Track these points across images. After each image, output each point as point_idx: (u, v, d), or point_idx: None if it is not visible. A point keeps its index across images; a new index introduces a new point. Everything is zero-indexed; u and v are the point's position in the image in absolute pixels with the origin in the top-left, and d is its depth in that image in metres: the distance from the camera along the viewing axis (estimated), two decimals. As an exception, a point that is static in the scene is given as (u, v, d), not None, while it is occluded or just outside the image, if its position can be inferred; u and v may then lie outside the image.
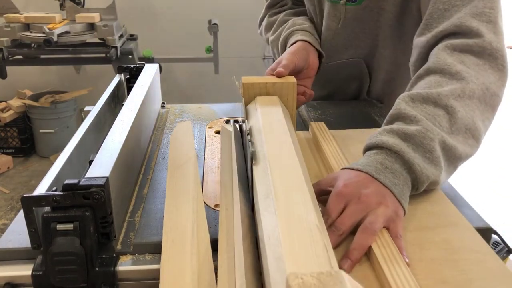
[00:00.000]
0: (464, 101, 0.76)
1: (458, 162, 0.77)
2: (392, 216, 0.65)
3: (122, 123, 0.88)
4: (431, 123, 0.73)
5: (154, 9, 3.22)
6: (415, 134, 0.71)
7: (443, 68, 0.80)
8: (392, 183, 0.68)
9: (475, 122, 0.77)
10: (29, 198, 0.61)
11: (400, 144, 0.70)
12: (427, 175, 0.70)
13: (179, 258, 0.62)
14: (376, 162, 0.70)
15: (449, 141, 0.73)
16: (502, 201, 2.78)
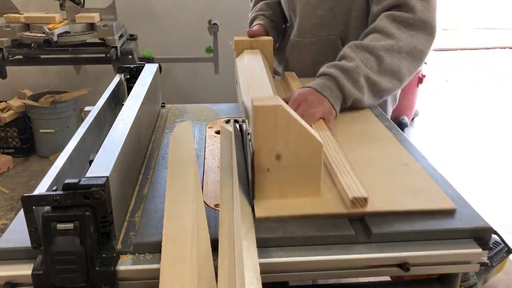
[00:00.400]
0: (392, 54, 1.10)
1: (383, 93, 1.13)
2: (327, 112, 1.03)
3: (122, 123, 0.88)
4: (362, 64, 1.09)
5: (154, 9, 3.21)
6: (349, 69, 1.08)
7: (382, 30, 1.13)
8: (328, 95, 1.06)
9: (400, 68, 1.11)
10: (29, 197, 0.62)
11: (338, 74, 1.08)
12: (351, 95, 1.08)
13: (179, 258, 0.62)
14: (320, 83, 1.08)
15: (373, 77, 1.09)
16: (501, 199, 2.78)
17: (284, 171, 0.75)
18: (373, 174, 0.85)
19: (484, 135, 3.70)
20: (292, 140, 0.74)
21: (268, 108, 0.72)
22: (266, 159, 0.75)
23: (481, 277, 1.62)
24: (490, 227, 0.74)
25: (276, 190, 0.77)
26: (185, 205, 0.72)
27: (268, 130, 0.73)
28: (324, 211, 0.75)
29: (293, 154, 0.74)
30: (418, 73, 3.59)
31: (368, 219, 0.74)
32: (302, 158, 0.75)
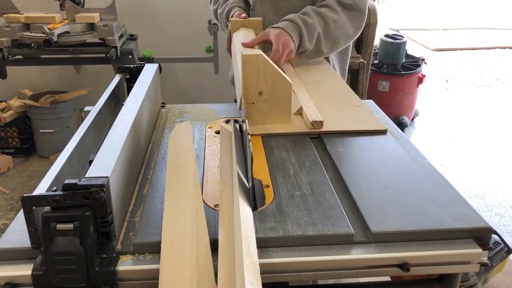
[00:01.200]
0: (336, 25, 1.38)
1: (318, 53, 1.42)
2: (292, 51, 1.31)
3: (122, 123, 0.88)
4: (317, 24, 1.35)
5: (154, 9, 3.21)
6: (309, 24, 1.34)
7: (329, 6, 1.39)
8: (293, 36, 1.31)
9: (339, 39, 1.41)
10: (29, 198, 0.61)
11: (301, 25, 1.33)
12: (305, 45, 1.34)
13: (178, 259, 0.62)
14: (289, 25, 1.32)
15: (321, 38, 1.37)
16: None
17: (265, 103, 1.08)
18: (330, 109, 1.16)
19: (484, 135, 3.70)
20: (270, 80, 1.05)
21: (252, 56, 1.03)
22: (251, 95, 1.06)
23: (481, 277, 1.62)
24: (490, 227, 0.74)
25: (259, 117, 1.09)
26: (184, 206, 0.72)
27: (252, 73, 1.04)
28: (292, 130, 1.08)
29: (271, 90, 1.06)
30: (418, 73, 3.59)
31: (368, 219, 0.74)
32: (277, 93, 1.07)
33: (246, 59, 1.02)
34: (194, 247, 0.63)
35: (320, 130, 1.06)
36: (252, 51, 1.03)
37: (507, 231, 2.47)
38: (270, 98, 1.07)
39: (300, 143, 1.03)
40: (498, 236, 0.77)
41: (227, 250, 0.63)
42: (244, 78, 1.04)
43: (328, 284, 0.89)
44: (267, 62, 1.03)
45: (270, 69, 1.03)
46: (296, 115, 1.14)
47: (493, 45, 6.38)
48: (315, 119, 1.06)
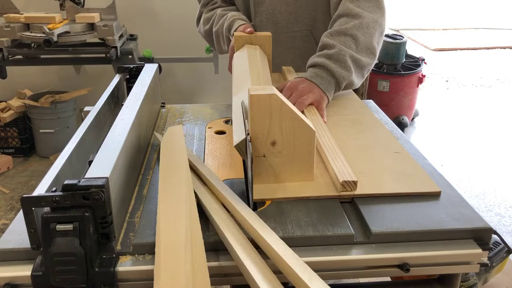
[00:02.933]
0: (363, 30, 1.20)
1: (363, 69, 1.21)
2: (318, 98, 1.11)
3: (122, 123, 0.88)
4: (343, 46, 1.17)
5: (154, 9, 3.21)
6: (334, 54, 1.16)
7: (347, 12, 1.24)
8: (319, 82, 1.13)
9: (372, 43, 1.22)
10: (28, 198, 0.61)
11: (325, 61, 1.16)
12: (343, 77, 1.15)
13: (173, 263, 0.61)
14: (311, 73, 1.16)
15: (355, 56, 1.18)
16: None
17: (279, 156, 0.82)
18: (363, 159, 0.92)
19: (484, 135, 3.70)
20: (286, 127, 0.80)
21: (263, 97, 0.78)
22: (262, 145, 0.81)
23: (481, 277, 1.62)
24: (490, 227, 0.74)
25: (272, 174, 0.83)
26: (177, 210, 0.72)
27: (264, 118, 0.79)
28: (317, 193, 0.81)
29: (287, 140, 0.81)
30: (418, 73, 3.59)
31: (367, 220, 0.74)
32: (296, 144, 0.82)
33: (255, 100, 0.78)
34: (188, 251, 0.63)
35: (353, 193, 0.81)
36: (263, 89, 0.79)
37: (507, 231, 2.47)
38: (287, 150, 0.82)
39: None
40: (498, 236, 0.77)
41: None
42: (252, 124, 0.80)
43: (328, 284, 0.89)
44: (283, 103, 0.79)
45: (287, 113, 0.79)
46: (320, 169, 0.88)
47: (493, 45, 6.37)
48: (347, 179, 0.81)
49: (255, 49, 1.24)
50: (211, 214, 0.74)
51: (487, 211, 2.63)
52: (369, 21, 1.21)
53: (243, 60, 1.17)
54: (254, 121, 0.80)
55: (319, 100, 1.11)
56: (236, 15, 1.42)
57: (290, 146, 0.82)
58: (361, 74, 1.22)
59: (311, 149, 0.82)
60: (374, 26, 1.22)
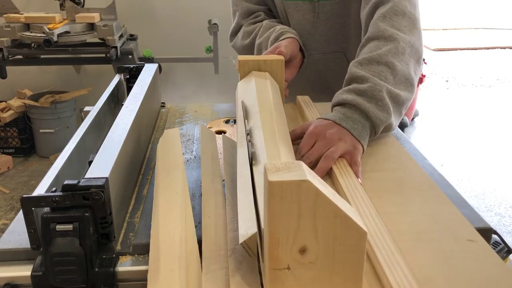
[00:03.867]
0: (399, 57, 0.96)
1: (402, 107, 0.96)
2: (351, 149, 0.86)
3: (122, 123, 0.88)
4: (377, 78, 0.92)
5: (154, 9, 3.21)
6: (367, 89, 0.91)
7: (378, 35, 1.00)
8: (351, 127, 0.88)
9: (410, 72, 0.97)
10: (28, 198, 0.61)
11: (357, 98, 0.91)
12: (380, 119, 0.90)
13: (167, 269, 0.61)
14: (340, 114, 0.91)
15: (394, 91, 0.93)
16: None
17: (312, 269, 0.54)
18: (425, 254, 0.64)
19: (484, 135, 3.70)
20: (324, 228, 0.52)
21: (288, 185, 0.50)
22: (285, 254, 0.53)
23: (481, 277, 1.61)
24: (490, 227, 0.74)
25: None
26: (173, 215, 0.71)
27: (289, 214, 0.51)
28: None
29: (325, 246, 0.53)
30: (418, 73, 3.59)
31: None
32: (337, 251, 0.54)
33: (277, 189, 0.50)
34: (183, 257, 0.63)
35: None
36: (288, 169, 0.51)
37: (507, 231, 2.47)
38: (323, 260, 0.54)
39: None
40: (498, 236, 0.77)
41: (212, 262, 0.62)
42: (271, 223, 0.52)
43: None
44: (319, 192, 0.50)
45: (326, 206, 0.51)
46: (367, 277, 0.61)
47: (493, 45, 6.38)
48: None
49: (264, 79, 0.99)
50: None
51: (487, 211, 2.63)
52: (405, 45, 0.98)
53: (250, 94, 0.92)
54: (275, 219, 0.52)
55: (352, 151, 0.86)
56: (286, 28, 1.24)
57: (328, 255, 0.54)
58: (399, 113, 0.95)
59: (359, 257, 0.54)
60: (411, 52, 0.99)
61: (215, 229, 0.69)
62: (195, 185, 0.85)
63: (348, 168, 0.83)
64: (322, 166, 0.83)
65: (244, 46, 1.34)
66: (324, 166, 0.83)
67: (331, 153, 0.84)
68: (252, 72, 1.02)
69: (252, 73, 1.02)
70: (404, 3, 1.04)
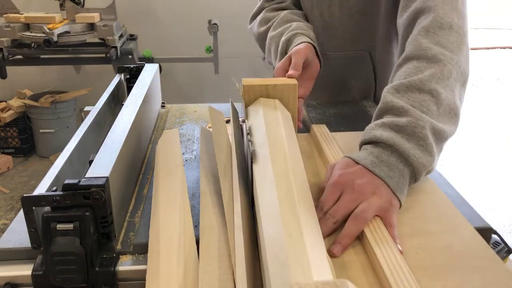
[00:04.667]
0: (444, 82, 0.79)
1: (444, 142, 0.79)
2: (386, 206, 0.68)
3: (122, 123, 0.88)
4: (419, 110, 0.75)
5: (154, 9, 3.21)
6: (407, 125, 0.73)
7: (420, 54, 0.83)
8: (387, 175, 0.70)
9: (455, 100, 0.80)
10: (29, 198, 0.61)
11: (394, 136, 0.73)
12: (423, 164, 0.72)
13: (165, 270, 0.61)
14: (372, 156, 0.72)
15: (438, 126, 0.75)
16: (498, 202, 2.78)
17: None
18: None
19: (484, 135, 3.70)
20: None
21: None
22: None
23: (481, 277, 1.61)
24: (490, 227, 0.74)
25: None
26: (171, 216, 0.71)
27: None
28: None
29: None
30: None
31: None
32: None
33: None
34: (181, 258, 0.63)
35: None
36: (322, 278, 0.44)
37: (507, 231, 2.47)
38: None
39: None
40: (498, 236, 0.77)
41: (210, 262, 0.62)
42: None
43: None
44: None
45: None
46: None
47: (493, 45, 6.38)
48: None
49: (274, 109, 0.84)
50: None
51: (487, 211, 2.63)
52: (452, 67, 0.80)
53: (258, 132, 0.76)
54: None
55: (388, 208, 0.68)
56: (303, 28, 1.11)
57: None
58: (440, 150, 0.79)
59: None
60: (457, 75, 0.82)
61: (213, 229, 0.69)
62: (195, 185, 0.85)
63: (385, 232, 0.64)
64: (352, 229, 0.65)
65: (259, 33, 1.24)
66: (354, 230, 0.65)
67: (362, 213, 0.66)
68: (260, 99, 0.88)
69: (260, 100, 0.87)
70: (451, 14, 0.87)
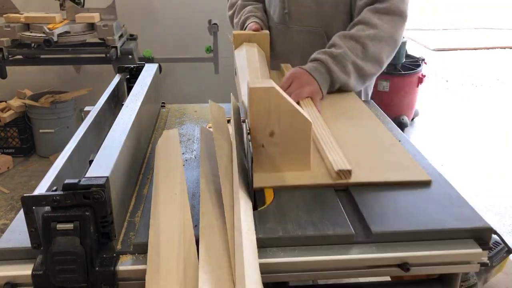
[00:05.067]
0: (375, 42, 1.24)
1: (367, 77, 1.27)
2: (315, 92, 1.17)
3: (122, 123, 0.88)
4: (349, 51, 1.22)
5: (154, 9, 3.21)
6: (337, 55, 1.22)
7: (366, 21, 1.26)
8: (317, 77, 1.19)
9: (381, 55, 1.26)
10: (29, 198, 0.61)
11: (327, 59, 1.22)
12: (339, 78, 1.22)
13: (165, 269, 0.61)
14: (312, 66, 1.22)
15: (359, 63, 1.23)
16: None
17: (277, 146, 0.86)
18: (358, 151, 0.94)
19: (484, 135, 3.70)
20: (284, 119, 0.84)
21: (262, 90, 0.82)
22: (261, 136, 0.85)
23: (481, 277, 1.62)
24: (490, 227, 0.74)
25: (270, 164, 0.87)
26: (171, 216, 0.72)
27: (262, 109, 0.83)
28: (313, 182, 0.85)
29: (285, 131, 0.85)
30: (418, 73, 3.59)
31: (368, 219, 0.74)
32: (293, 135, 0.85)
33: (254, 93, 0.82)
34: (181, 258, 0.63)
35: (347, 182, 0.84)
36: (262, 83, 0.83)
37: (507, 231, 2.47)
38: (284, 140, 0.85)
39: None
40: (498, 236, 0.78)
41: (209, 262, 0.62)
42: (251, 115, 0.84)
43: (328, 284, 0.89)
44: (281, 96, 0.82)
45: (285, 105, 0.83)
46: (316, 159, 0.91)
47: (493, 45, 6.38)
48: (342, 168, 0.84)
49: (253, 47, 1.27)
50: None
51: (487, 211, 2.63)
52: (384, 34, 1.24)
53: (241, 58, 1.22)
54: (253, 113, 0.84)
55: (316, 94, 1.17)
56: (253, 11, 1.46)
57: (287, 137, 0.85)
58: (362, 81, 1.26)
59: (307, 140, 0.86)
60: (388, 41, 1.25)
61: (213, 229, 0.69)
62: (196, 185, 0.85)
63: (312, 104, 1.13)
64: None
65: (229, 16, 1.60)
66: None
67: (300, 92, 1.15)
68: (244, 43, 1.31)
69: (244, 44, 1.31)
70: (401, 5, 1.27)
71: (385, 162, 0.91)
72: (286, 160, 0.87)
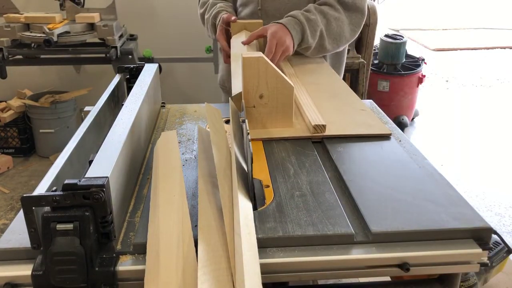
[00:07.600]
0: (337, 23, 1.41)
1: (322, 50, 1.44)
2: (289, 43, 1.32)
3: (122, 123, 0.88)
4: (320, 22, 1.38)
5: (154, 9, 3.21)
6: (312, 20, 1.37)
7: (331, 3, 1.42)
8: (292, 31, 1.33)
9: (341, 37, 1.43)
10: (29, 198, 0.61)
11: (304, 21, 1.36)
12: (308, 40, 1.37)
13: (164, 271, 0.61)
14: (291, 21, 1.35)
15: (324, 35, 1.40)
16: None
17: (266, 107, 1.05)
18: (333, 113, 1.13)
19: (484, 135, 3.70)
20: (271, 83, 1.02)
21: (252, 59, 1.00)
22: (252, 98, 1.04)
23: (481, 277, 1.62)
24: (490, 227, 0.74)
25: (260, 121, 1.07)
26: (170, 217, 0.71)
27: (253, 76, 1.01)
28: (294, 134, 1.05)
29: (272, 94, 1.04)
30: (418, 73, 3.59)
31: (368, 219, 0.74)
32: (278, 97, 1.04)
33: (246, 61, 0.99)
34: (180, 258, 0.63)
35: (322, 134, 1.03)
36: (253, 54, 1.00)
37: (507, 231, 2.47)
38: (271, 102, 1.04)
39: (301, 147, 1.00)
40: (498, 236, 0.77)
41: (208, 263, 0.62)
42: (244, 81, 1.01)
43: (328, 284, 0.89)
44: (268, 64, 0.99)
45: (271, 72, 1.00)
46: (298, 118, 1.10)
47: (493, 45, 6.38)
48: (318, 123, 1.03)
49: (249, 34, 1.43)
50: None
51: (487, 211, 2.63)
52: (344, 20, 1.42)
53: (239, 42, 1.39)
54: (246, 78, 1.01)
55: (289, 44, 1.33)
56: (223, 7, 1.57)
57: (274, 99, 1.04)
58: (317, 51, 1.44)
59: (290, 101, 1.05)
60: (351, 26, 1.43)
61: (211, 230, 0.69)
62: (195, 185, 0.85)
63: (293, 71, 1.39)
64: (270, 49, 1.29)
65: (200, 14, 1.69)
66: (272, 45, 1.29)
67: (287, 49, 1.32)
68: (243, 30, 1.47)
69: (243, 31, 1.46)
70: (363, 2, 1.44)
71: (355, 120, 1.10)
72: (273, 118, 1.06)
